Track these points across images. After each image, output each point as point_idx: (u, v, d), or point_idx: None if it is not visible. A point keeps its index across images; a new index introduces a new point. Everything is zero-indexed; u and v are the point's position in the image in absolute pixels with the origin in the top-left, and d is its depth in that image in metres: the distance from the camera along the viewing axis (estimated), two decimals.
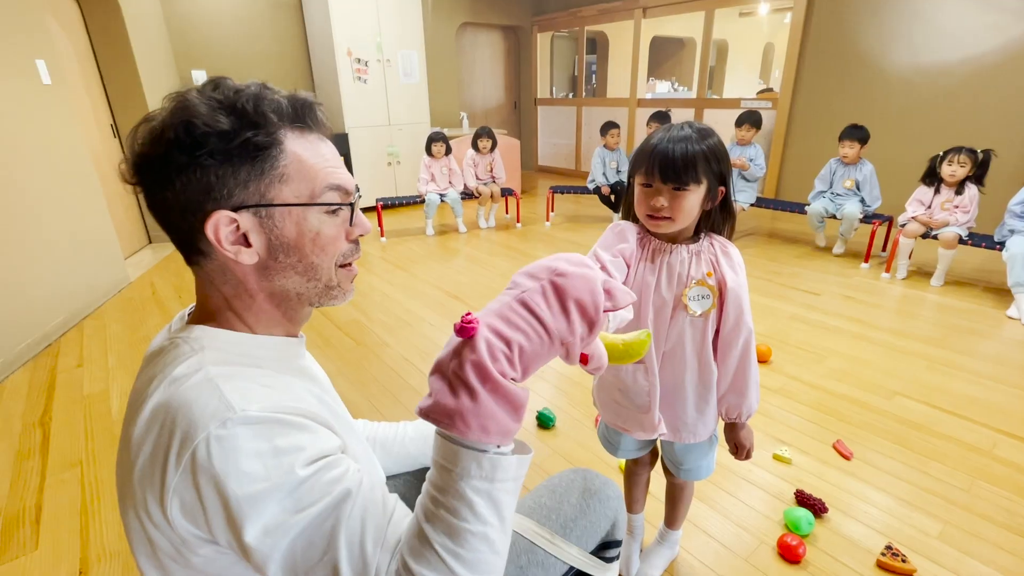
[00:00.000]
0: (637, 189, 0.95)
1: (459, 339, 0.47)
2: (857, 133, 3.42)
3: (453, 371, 0.46)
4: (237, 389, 0.51)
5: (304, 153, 0.58)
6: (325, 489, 0.50)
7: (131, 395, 0.58)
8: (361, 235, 0.64)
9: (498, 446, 0.49)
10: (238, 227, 0.56)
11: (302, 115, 0.59)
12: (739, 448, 1.10)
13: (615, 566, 0.86)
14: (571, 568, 0.79)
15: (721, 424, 1.11)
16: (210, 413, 0.49)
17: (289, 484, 0.48)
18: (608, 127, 4.46)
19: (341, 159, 0.63)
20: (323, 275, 0.61)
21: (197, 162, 0.53)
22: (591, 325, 0.49)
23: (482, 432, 0.46)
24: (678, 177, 0.88)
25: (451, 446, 0.48)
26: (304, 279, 0.60)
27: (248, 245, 0.57)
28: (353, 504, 0.51)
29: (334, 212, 0.60)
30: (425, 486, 0.51)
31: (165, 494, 0.49)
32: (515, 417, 0.48)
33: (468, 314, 0.47)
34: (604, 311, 0.50)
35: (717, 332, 0.99)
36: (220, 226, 0.55)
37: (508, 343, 0.47)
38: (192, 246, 0.58)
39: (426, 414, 0.47)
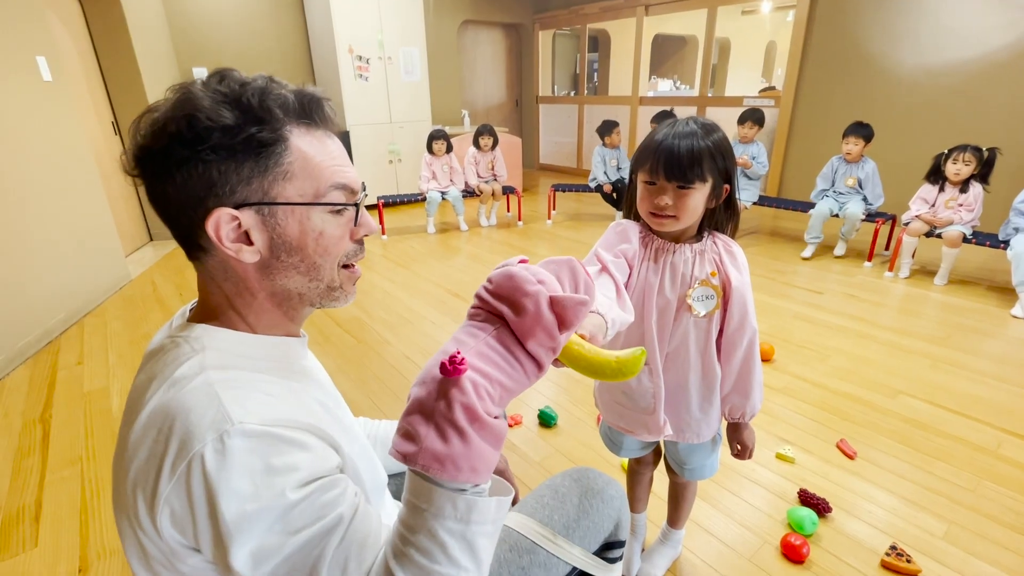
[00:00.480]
0: (640, 186, 0.93)
1: (440, 377, 0.46)
2: (862, 130, 3.40)
3: (441, 414, 0.45)
4: (237, 399, 0.50)
5: (310, 150, 0.56)
6: (317, 513, 0.49)
7: (130, 394, 0.57)
8: (366, 235, 0.63)
9: (476, 485, 0.48)
10: (239, 224, 0.54)
11: (309, 111, 0.57)
12: (743, 448, 1.09)
13: (618, 567, 0.85)
14: (574, 569, 0.78)
15: (724, 424, 1.10)
16: (207, 423, 0.48)
17: (279, 507, 0.47)
18: (610, 127, 4.44)
19: (348, 157, 0.61)
20: (325, 276, 0.60)
21: (199, 157, 0.51)
22: (554, 349, 0.50)
23: (472, 473, 0.46)
24: (683, 175, 0.87)
25: (425, 484, 0.47)
26: (306, 279, 0.59)
27: (250, 243, 0.55)
28: (343, 535, 0.49)
29: (339, 212, 0.59)
30: (395, 524, 0.50)
31: (156, 502, 0.48)
32: (498, 451, 0.48)
33: (458, 353, 0.46)
34: (562, 331, 0.50)
35: (720, 332, 0.98)
36: (221, 223, 0.53)
37: (491, 381, 0.47)
38: (192, 242, 0.57)
39: (413, 460, 0.45)
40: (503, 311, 0.50)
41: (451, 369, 0.45)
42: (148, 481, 0.48)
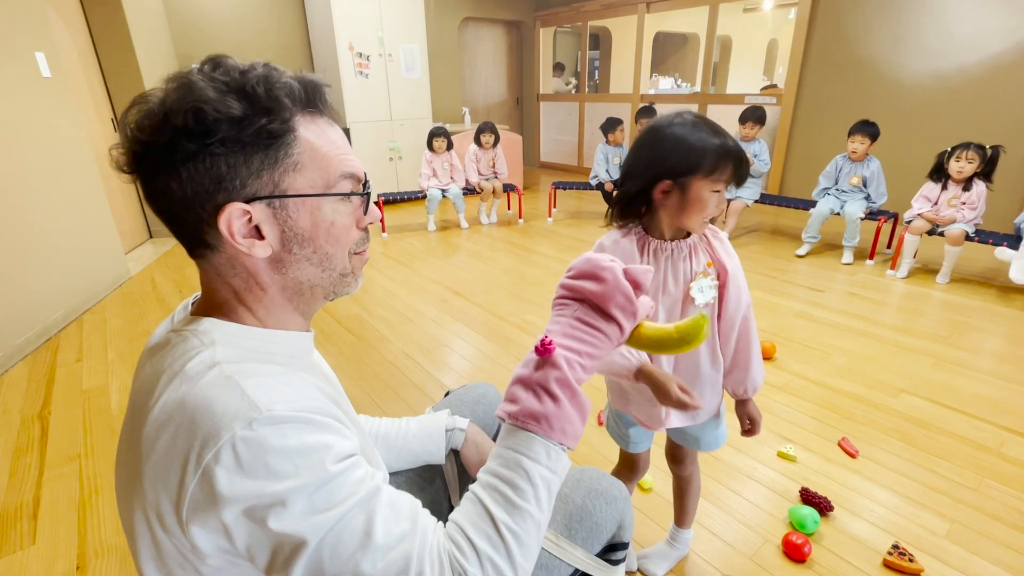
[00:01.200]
0: (704, 192, 0.88)
1: (538, 357, 0.56)
2: (868, 129, 3.37)
3: (538, 382, 0.55)
4: (260, 387, 0.49)
5: (317, 140, 0.55)
6: (353, 488, 0.49)
7: (134, 390, 0.56)
8: (371, 223, 0.63)
9: (563, 445, 0.55)
10: (250, 219, 0.53)
11: (313, 99, 0.56)
12: (752, 422, 1.09)
13: (621, 568, 0.84)
14: (576, 571, 0.77)
15: (730, 402, 1.12)
16: (233, 413, 0.46)
17: (320, 480, 0.47)
18: (614, 124, 4.42)
19: (349, 144, 0.60)
20: (338, 264, 0.59)
21: (207, 151, 0.49)
22: (633, 315, 0.60)
23: (561, 434, 0.54)
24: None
25: (526, 435, 0.54)
26: (319, 270, 0.58)
27: (261, 238, 0.54)
28: (381, 500, 0.50)
29: (346, 200, 0.58)
30: (484, 473, 0.55)
31: (183, 499, 0.46)
32: (583, 423, 0.57)
33: (546, 337, 0.57)
34: (637, 294, 0.59)
35: (720, 316, 1.00)
36: (233, 219, 0.52)
37: (580, 354, 0.57)
38: (198, 239, 0.54)
39: (514, 417, 0.55)
40: (585, 287, 0.59)
41: (542, 349, 0.56)
42: (171, 479, 0.47)
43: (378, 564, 0.47)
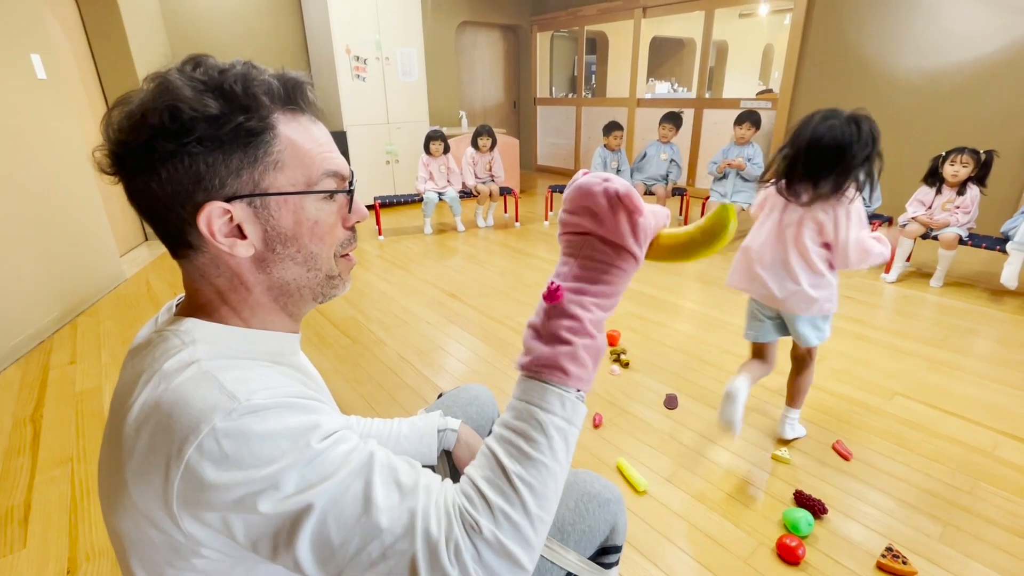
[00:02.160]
0: None
1: (548, 304, 0.54)
2: None
3: (549, 331, 0.53)
4: (238, 379, 0.49)
5: (298, 138, 0.55)
6: (344, 459, 0.48)
7: (116, 392, 0.55)
8: (358, 222, 0.62)
9: (578, 391, 0.53)
10: (231, 218, 0.53)
11: (294, 96, 0.56)
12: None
13: (614, 572, 0.84)
14: (569, 574, 0.77)
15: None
16: (211, 405, 0.46)
17: (308, 457, 0.46)
18: (611, 128, 4.44)
19: (334, 142, 0.60)
20: (323, 265, 0.59)
21: (185, 150, 0.49)
22: (645, 235, 0.55)
23: (576, 380, 0.53)
24: None
25: (538, 384, 0.53)
26: (304, 269, 0.58)
27: (243, 237, 0.54)
28: (376, 465, 0.49)
29: (331, 199, 0.58)
30: (498, 425, 0.54)
31: (170, 496, 0.46)
32: (596, 366, 0.55)
33: (552, 282, 0.55)
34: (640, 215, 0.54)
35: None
36: (213, 218, 0.52)
37: (595, 294, 0.54)
38: (180, 239, 0.54)
39: (527, 367, 0.54)
40: (583, 224, 0.55)
41: (549, 296, 0.54)
42: (155, 475, 0.46)
43: (383, 525, 0.47)
